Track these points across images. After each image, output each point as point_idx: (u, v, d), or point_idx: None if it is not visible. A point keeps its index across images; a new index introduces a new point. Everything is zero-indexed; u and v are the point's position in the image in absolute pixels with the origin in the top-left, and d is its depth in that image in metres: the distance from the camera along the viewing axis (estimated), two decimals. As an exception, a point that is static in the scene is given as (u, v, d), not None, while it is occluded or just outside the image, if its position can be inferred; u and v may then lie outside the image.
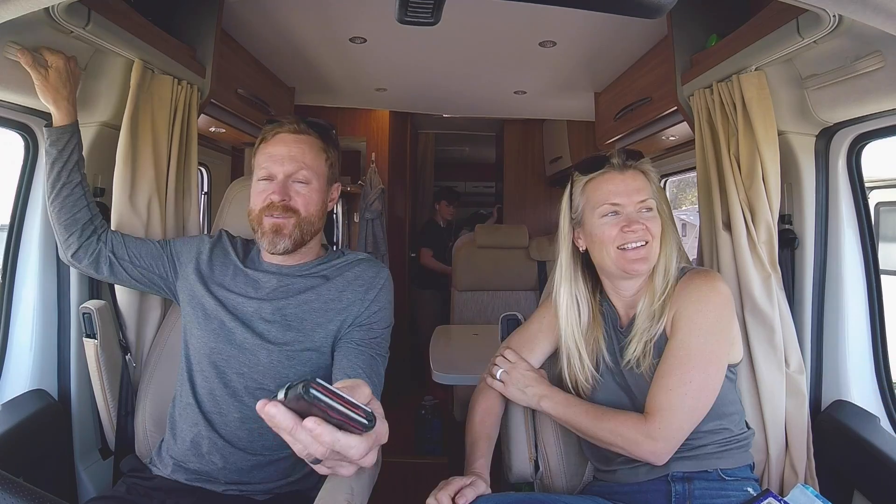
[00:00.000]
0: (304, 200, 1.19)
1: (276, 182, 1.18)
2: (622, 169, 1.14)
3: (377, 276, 1.24)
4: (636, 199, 1.12)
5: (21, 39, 1.07)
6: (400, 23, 0.72)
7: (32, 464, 1.21)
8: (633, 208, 1.12)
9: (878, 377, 1.29)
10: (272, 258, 1.24)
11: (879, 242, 1.33)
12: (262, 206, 1.18)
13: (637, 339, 1.11)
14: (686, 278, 1.12)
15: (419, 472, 2.67)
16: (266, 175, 1.19)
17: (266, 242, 1.19)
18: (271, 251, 1.19)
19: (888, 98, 1.04)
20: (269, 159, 1.19)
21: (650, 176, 1.16)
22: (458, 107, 3.21)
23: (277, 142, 1.20)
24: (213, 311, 1.19)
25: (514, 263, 3.24)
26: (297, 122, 1.21)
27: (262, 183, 1.19)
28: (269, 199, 1.17)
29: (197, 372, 1.19)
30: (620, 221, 1.11)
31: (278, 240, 1.17)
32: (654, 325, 1.11)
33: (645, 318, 1.12)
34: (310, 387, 0.52)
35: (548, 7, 0.76)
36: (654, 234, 1.12)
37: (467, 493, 1.01)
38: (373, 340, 1.18)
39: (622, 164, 1.15)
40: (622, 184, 1.13)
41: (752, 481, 1.10)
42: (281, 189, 1.17)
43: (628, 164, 1.15)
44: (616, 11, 0.68)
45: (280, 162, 1.18)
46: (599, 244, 1.14)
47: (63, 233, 1.22)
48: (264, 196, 1.18)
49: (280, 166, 1.18)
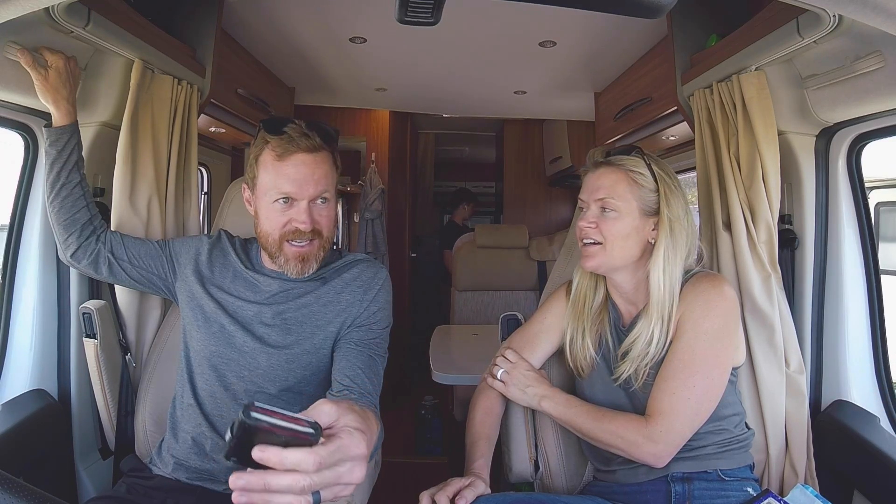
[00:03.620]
0: (326, 221, 1.15)
1: (298, 208, 1.11)
2: (595, 166, 1.16)
3: (375, 277, 1.23)
4: (594, 198, 1.13)
5: (21, 39, 1.07)
6: (400, 23, 0.72)
7: (32, 464, 1.21)
8: (594, 206, 1.13)
9: (878, 377, 1.29)
10: (274, 265, 1.21)
11: (879, 242, 1.33)
12: (282, 232, 1.12)
13: (629, 363, 1.09)
14: (692, 282, 1.10)
15: (419, 472, 2.67)
16: (284, 197, 1.10)
17: (292, 270, 1.15)
18: (297, 277, 1.17)
19: (888, 98, 1.04)
20: (290, 182, 1.09)
21: (629, 174, 1.10)
22: (458, 107, 3.20)
23: (297, 163, 1.09)
24: (213, 313, 1.19)
25: (514, 263, 3.24)
26: (309, 134, 1.10)
27: (279, 205, 1.11)
28: (293, 227, 1.11)
29: (197, 374, 1.19)
30: (582, 218, 1.14)
31: (306, 267, 1.15)
32: (651, 348, 1.07)
33: (643, 344, 1.08)
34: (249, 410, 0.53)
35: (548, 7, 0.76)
36: (608, 237, 1.10)
37: (466, 494, 1.01)
38: (372, 341, 1.18)
39: (596, 161, 1.16)
40: (589, 181, 1.15)
41: (751, 481, 1.10)
42: (308, 217, 1.11)
43: (600, 161, 1.15)
44: (616, 11, 0.67)
45: (302, 186, 1.09)
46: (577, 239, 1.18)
47: (62, 233, 1.22)
48: (284, 221, 1.12)
49: (303, 191, 1.10)
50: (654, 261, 1.09)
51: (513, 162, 4.37)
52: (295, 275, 1.16)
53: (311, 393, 1.18)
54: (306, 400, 1.17)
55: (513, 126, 4.32)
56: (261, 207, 1.15)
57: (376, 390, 1.13)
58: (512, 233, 3.30)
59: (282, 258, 1.15)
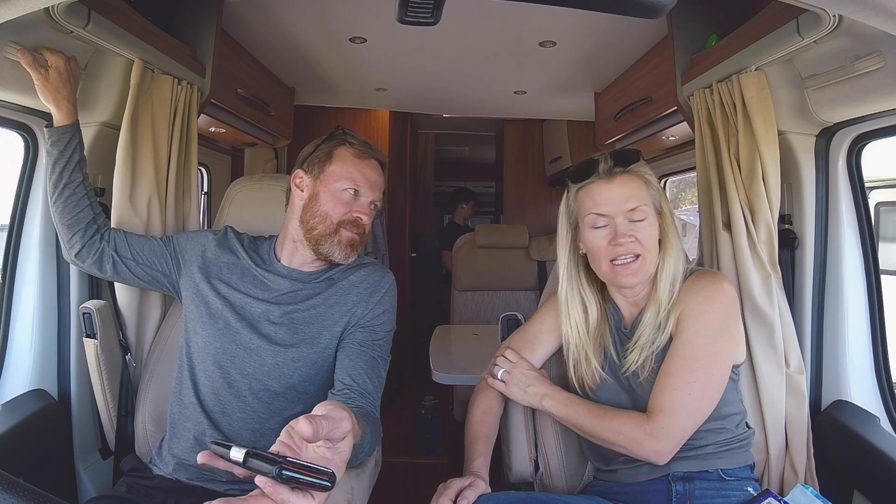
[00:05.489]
0: (370, 223, 1.26)
1: (362, 202, 1.22)
2: (609, 176, 1.09)
3: (382, 280, 1.25)
4: (624, 209, 1.07)
5: (21, 39, 1.07)
6: (400, 23, 0.72)
7: (32, 464, 1.21)
8: (622, 218, 1.07)
9: (878, 377, 1.29)
10: (292, 261, 1.24)
11: (879, 242, 1.33)
12: (344, 218, 1.20)
13: (638, 351, 1.09)
14: (692, 279, 1.11)
15: (419, 472, 2.67)
16: (355, 188, 1.21)
17: (340, 254, 1.20)
18: (341, 260, 1.22)
19: (888, 98, 1.04)
20: (364, 179, 1.22)
21: (645, 178, 1.11)
22: (458, 107, 3.20)
23: (372, 167, 1.24)
24: (218, 310, 1.19)
25: (514, 263, 3.24)
26: (381, 154, 1.28)
27: (348, 194, 1.21)
28: (355, 216, 1.21)
29: (200, 371, 1.19)
30: (609, 234, 1.08)
31: (353, 253, 1.22)
32: (659, 337, 1.09)
33: (650, 331, 1.09)
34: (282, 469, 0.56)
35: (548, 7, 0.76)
36: (647, 245, 1.08)
37: (468, 494, 1.01)
38: (375, 342, 1.18)
39: (609, 170, 1.09)
40: (609, 192, 1.08)
41: (752, 481, 1.10)
42: (369, 213, 1.23)
43: (616, 170, 1.09)
44: (616, 11, 0.67)
45: (372, 187, 1.23)
46: (593, 255, 1.12)
47: (66, 233, 1.22)
48: (349, 209, 1.21)
49: (371, 191, 1.23)
50: (666, 257, 1.10)
51: (513, 162, 4.36)
52: (340, 259, 1.21)
53: (315, 392, 1.18)
54: (309, 399, 1.18)
55: (513, 126, 4.32)
56: (325, 191, 1.21)
57: (377, 391, 1.13)
58: (512, 233, 3.30)
59: (335, 239, 1.20)
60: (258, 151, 2.67)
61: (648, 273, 1.10)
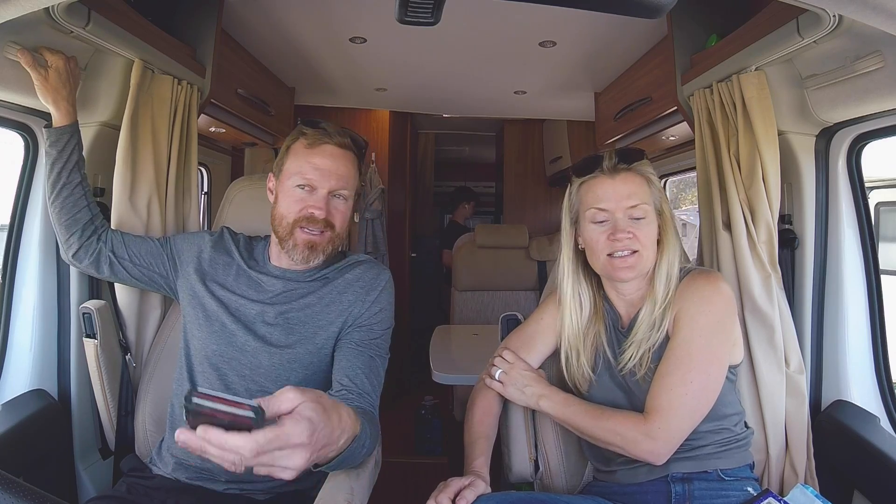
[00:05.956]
0: (341, 217, 1.18)
1: (317, 196, 1.15)
2: (612, 172, 1.11)
3: (378, 278, 1.24)
4: (625, 205, 1.09)
5: (21, 39, 1.07)
6: (400, 23, 0.72)
7: (32, 464, 1.21)
8: (622, 214, 1.09)
9: (878, 377, 1.29)
10: (280, 262, 1.23)
11: (879, 242, 1.33)
12: (298, 217, 1.15)
13: (635, 347, 1.10)
14: (689, 278, 1.11)
15: (419, 472, 2.67)
16: (306, 183, 1.15)
17: (298, 256, 1.16)
18: (303, 265, 1.18)
19: (888, 98, 1.04)
20: (313, 169, 1.14)
21: (647, 177, 1.13)
22: (458, 107, 3.20)
23: (324, 153, 1.15)
24: (214, 312, 1.19)
25: (514, 263, 3.23)
26: (343, 134, 1.18)
27: (299, 191, 1.15)
28: (308, 212, 1.15)
29: (198, 372, 1.19)
30: (608, 229, 1.10)
31: (313, 255, 1.16)
32: (655, 334, 1.10)
33: (646, 327, 1.10)
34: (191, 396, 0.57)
35: (548, 7, 0.76)
36: (645, 243, 1.09)
37: (467, 494, 1.01)
38: (372, 341, 1.18)
39: (613, 166, 1.11)
40: (611, 188, 1.10)
41: (752, 481, 1.10)
42: (325, 205, 1.15)
43: (620, 167, 1.11)
44: (616, 11, 0.67)
45: (325, 176, 1.15)
46: (591, 249, 1.14)
47: (64, 233, 1.22)
48: (302, 206, 1.15)
49: (325, 180, 1.15)
50: (663, 257, 1.11)
51: (513, 162, 4.37)
52: (300, 262, 1.17)
53: None
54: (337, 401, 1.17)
55: (513, 126, 4.32)
56: (281, 191, 1.18)
57: (375, 391, 1.13)
58: (512, 233, 3.30)
59: (291, 243, 1.16)
60: (258, 151, 2.67)
61: (645, 269, 1.11)
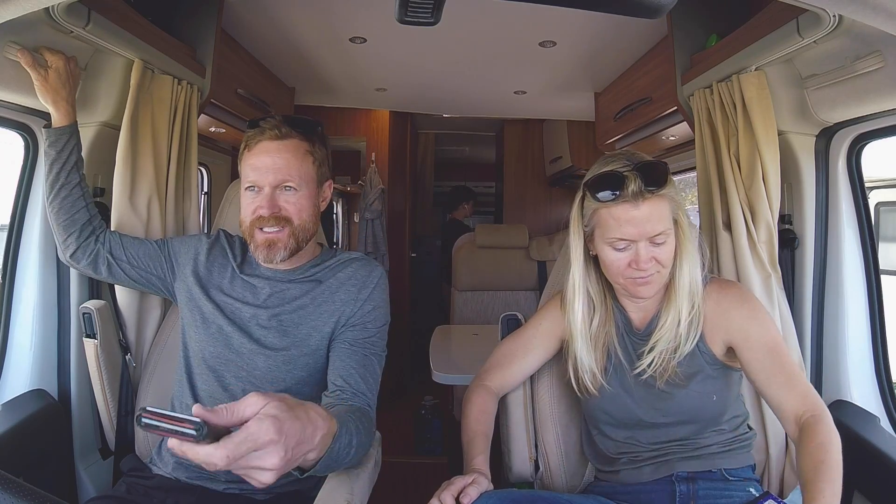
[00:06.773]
0: (295, 209, 1.15)
1: (262, 194, 1.14)
2: (636, 199, 1.01)
3: (370, 275, 1.22)
4: (649, 234, 1.02)
5: (21, 39, 1.07)
6: (400, 23, 0.72)
7: (32, 464, 1.20)
8: (645, 242, 1.03)
9: (878, 377, 1.29)
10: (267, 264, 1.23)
11: (879, 242, 1.33)
12: (252, 219, 1.16)
13: (657, 355, 1.08)
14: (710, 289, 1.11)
15: (419, 472, 2.67)
16: (251, 185, 1.15)
17: (261, 256, 1.17)
18: (267, 264, 1.19)
19: (888, 98, 1.04)
20: (253, 170, 1.14)
21: (671, 197, 1.04)
22: (458, 107, 3.20)
23: (260, 151, 1.14)
24: (211, 315, 1.19)
25: (514, 263, 3.23)
26: (279, 125, 1.15)
27: (249, 193, 1.16)
28: (257, 213, 1.14)
29: (197, 374, 1.19)
30: (630, 256, 1.04)
31: (273, 254, 1.15)
32: (682, 345, 1.07)
33: (670, 337, 1.07)
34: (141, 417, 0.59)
35: (548, 7, 0.76)
36: (665, 262, 1.06)
37: (470, 491, 1.00)
38: (367, 340, 1.17)
39: (638, 192, 1.01)
40: (636, 217, 1.01)
41: (754, 482, 1.10)
42: (269, 202, 1.13)
43: (646, 195, 1.01)
44: (616, 11, 0.67)
45: (264, 173, 1.13)
46: (607, 268, 1.09)
47: (62, 233, 1.22)
48: (253, 208, 1.15)
49: (264, 177, 1.13)
50: (682, 265, 1.08)
51: (513, 162, 4.37)
52: (263, 262, 1.18)
53: (309, 394, 1.17)
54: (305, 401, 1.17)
55: (513, 126, 4.32)
56: (241, 198, 1.20)
57: (371, 390, 1.12)
58: (512, 233, 3.30)
59: (253, 245, 1.18)
60: (258, 151, 2.67)
61: (663, 281, 1.09)
